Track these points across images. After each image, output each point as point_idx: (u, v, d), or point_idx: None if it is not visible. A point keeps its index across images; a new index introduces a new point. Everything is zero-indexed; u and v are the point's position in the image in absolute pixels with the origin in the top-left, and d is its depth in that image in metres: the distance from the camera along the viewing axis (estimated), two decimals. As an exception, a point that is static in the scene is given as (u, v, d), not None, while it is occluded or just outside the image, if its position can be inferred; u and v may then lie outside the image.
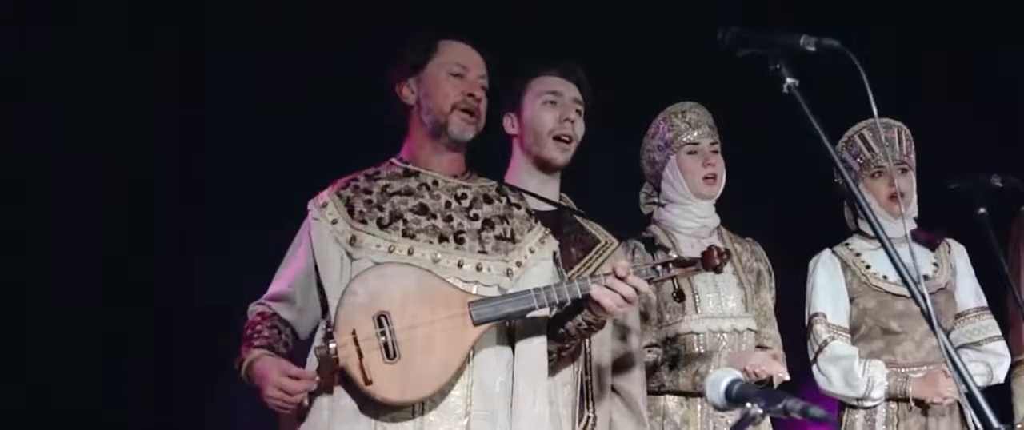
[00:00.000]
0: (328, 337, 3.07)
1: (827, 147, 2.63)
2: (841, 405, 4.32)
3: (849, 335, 4.35)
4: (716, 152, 4.16)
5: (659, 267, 3.26)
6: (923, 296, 2.56)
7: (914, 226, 4.43)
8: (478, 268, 3.24)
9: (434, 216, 3.27)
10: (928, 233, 4.43)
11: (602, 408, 3.74)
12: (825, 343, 4.30)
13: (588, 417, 3.70)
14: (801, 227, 4.81)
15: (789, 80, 2.63)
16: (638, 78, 4.87)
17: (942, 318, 4.35)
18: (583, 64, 3.80)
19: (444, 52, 3.35)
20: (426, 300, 3.11)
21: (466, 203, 3.32)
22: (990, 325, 4.33)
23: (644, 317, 4.04)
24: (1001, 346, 4.32)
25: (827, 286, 4.37)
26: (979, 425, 2.51)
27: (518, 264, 3.29)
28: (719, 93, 4.23)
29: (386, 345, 3.06)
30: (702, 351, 4.03)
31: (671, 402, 4.01)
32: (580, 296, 3.16)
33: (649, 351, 4.03)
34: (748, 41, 2.68)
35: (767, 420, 4.03)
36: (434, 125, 3.31)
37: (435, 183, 3.32)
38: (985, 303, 4.41)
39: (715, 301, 4.08)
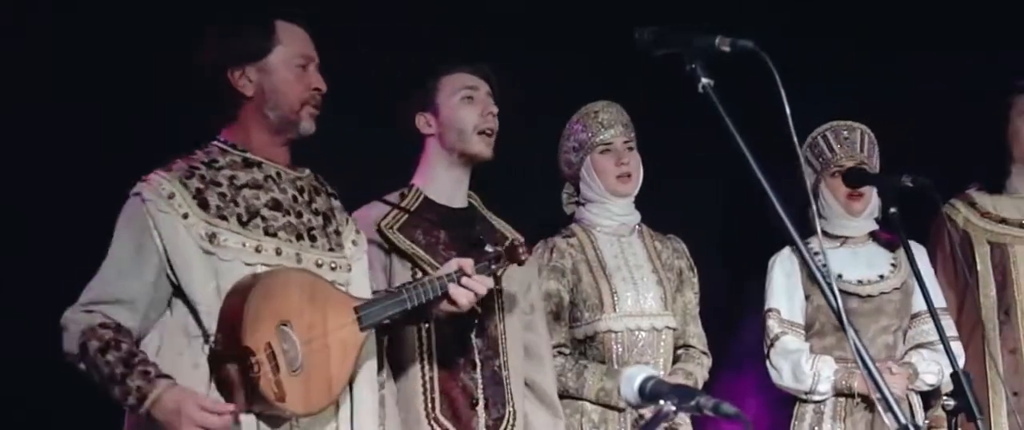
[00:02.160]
0: (244, 354, 2.82)
1: (742, 148, 2.55)
2: (794, 399, 4.28)
3: (803, 331, 4.32)
4: (631, 149, 4.10)
5: (487, 263, 3.29)
6: (834, 296, 2.48)
7: (875, 226, 4.39)
8: (333, 267, 3.12)
9: (288, 212, 3.08)
10: (889, 234, 4.38)
11: (520, 402, 3.69)
12: (777, 338, 4.28)
13: (509, 412, 3.66)
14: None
15: (704, 80, 2.56)
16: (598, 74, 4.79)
17: (899, 317, 4.33)
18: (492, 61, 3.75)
19: (286, 41, 3.09)
20: (318, 307, 2.96)
21: (306, 197, 3.16)
22: (947, 326, 4.22)
23: (555, 317, 4.01)
24: (956, 346, 4.24)
25: (783, 283, 4.33)
26: (889, 423, 2.45)
27: (346, 258, 3.18)
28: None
29: (293, 358, 2.89)
30: (620, 350, 3.99)
31: (587, 404, 3.96)
32: (440, 293, 3.16)
33: (557, 354, 3.98)
34: (664, 41, 2.62)
35: (687, 419, 4.00)
36: (281, 121, 3.08)
37: (278, 175, 3.11)
38: (944, 304, 4.37)
39: (634, 299, 4.03)
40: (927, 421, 4.26)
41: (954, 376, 3.11)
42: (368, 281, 3.26)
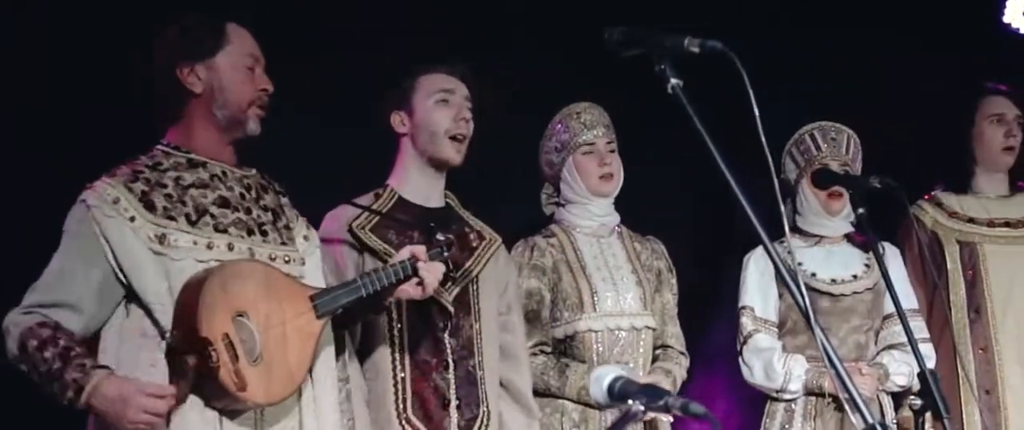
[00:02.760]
0: (201, 344, 2.82)
1: (713, 150, 2.53)
2: (765, 399, 4.29)
3: (776, 329, 4.31)
4: (613, 151, 4.10)
5: (438, 249, 3.30)
6: (802, 295, 2.47)
7: (851, 228, 4.38)
8: (286, 261, 3.12)
9: (236, 209, 3.08)
10: (864, 235, 4.38)
11: (494, 403, 3.68)
12: (750, 335, 4.27)
13: (483, 412, 3.64)
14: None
15: (673, 81, 2.55)
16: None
17: (870, 317, 4.33)
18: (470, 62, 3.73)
19: (235, 41, 3.11)
20: (275, 297, 2.97)
21: (254, 194, 3.16)
22: (918, 327, 4.25)
23: (536, 315, 4.00)
24: (927, 348, 4.25)
25: (757, 281, 4.33)
26: (857, 423, 2.45)
27: (299, 252, 3.18)
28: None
29: (251, 348, 2.89)
30: (600, 349, 3.97)
31: (568, 403, 3.95)
32: (394, 281, 3.16)
33: (539, 352, 3.98)
34: (634, 42, 2.60)
35: (668, 417, 3.99)
36: (229, 120, 3.10)
37: (224, 174, 3.12)
38: (916, 306, 4.37)
39: (613, 299, 4.02)
40: (895, 420, 4.26)
41: (921, 375, 3.11)
42: (322, 275, 3.25)
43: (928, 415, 3.18)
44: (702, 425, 2.48)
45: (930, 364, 4.22)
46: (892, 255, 4.34)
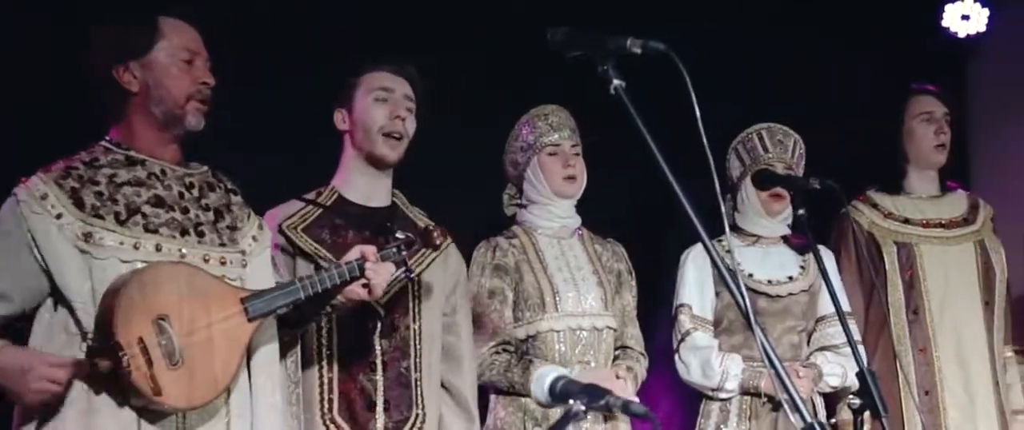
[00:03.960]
0: (113, 349, 2.79)
1: (653, 150, 2.54)
2: (701, 396, 4.30)
3: (712, 328, 4.33)
4: (577, 153, 4.11)
5: (394, 248, 3.25)
6: (743, 297, 2.48)
7: (788, 231, 4.41)
8: (222, 262, 3.07)
9: (172, 208, 3.03)
10: (800, 237, 4.40)
11: (432, 405, 3.66)
12: (687, 333, 4.29)
13: (417, 414, 3.62)
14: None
15: (616, 82, 2.56)
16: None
17: (805, 318, 4.36)
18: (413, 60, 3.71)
19: (169, 35, 3.06)
20: (201, 299, 2.92)
21: (196, 193, 3.12)
22: (852, 329, 4.27)
23: (500, 315, 3.99)
24: (859, 349, 4.27)
25: (695, 279, 4.34)
26: (796, 422, 2.47)
27: (243, 253, 3.14)
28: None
29: (170, 351, 2.86)
30: (562, 348, 3.98)
31: (531, 401, 3.92)
32: (338, 282, 3.11)
33: (502, 351, 3.98)
34: (576, 43, 2.61)
35: (627, 420, 3.99)
36: (167, 116, 3.05)
37: (164, 172, 3.07)
38: (849, 308, 4.39)
39: (575, 299, 4.03)
40: (834, 421, 4.29)
41: (860, 375, 3.13)
42: (271, 276, 3.21)
43: (866, 415, 3.20)
44: (644, 424, 2.49)
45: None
46: (827, 257, 4.36)
